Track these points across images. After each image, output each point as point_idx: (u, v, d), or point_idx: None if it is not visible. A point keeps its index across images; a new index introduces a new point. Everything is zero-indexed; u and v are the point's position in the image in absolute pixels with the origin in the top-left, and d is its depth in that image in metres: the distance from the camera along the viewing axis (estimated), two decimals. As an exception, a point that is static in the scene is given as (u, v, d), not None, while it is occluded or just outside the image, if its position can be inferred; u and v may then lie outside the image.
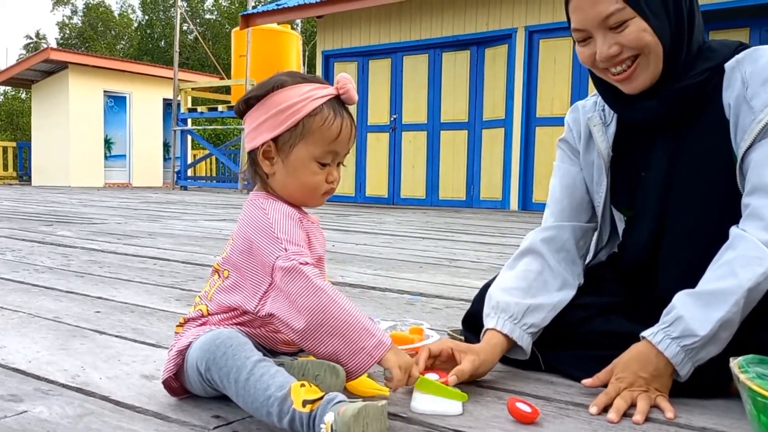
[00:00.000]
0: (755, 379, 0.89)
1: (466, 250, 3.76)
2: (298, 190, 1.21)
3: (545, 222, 1.53)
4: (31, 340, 1.58)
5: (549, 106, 8.30)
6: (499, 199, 8.75)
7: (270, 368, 1.03)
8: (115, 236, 4.16)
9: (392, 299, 2.23)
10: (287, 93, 1.18)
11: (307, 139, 1.18)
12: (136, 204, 8.18)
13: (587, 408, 1.17)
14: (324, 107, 1.18)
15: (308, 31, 28.12)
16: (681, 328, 1.16)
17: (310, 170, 1.19)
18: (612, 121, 1.44)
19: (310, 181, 1.20)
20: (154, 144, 17.34)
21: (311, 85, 1.20)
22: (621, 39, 1.26)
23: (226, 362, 1.05)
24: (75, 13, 42.29)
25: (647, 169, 1.38)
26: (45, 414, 1.10)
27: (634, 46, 1.26)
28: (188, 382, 1.15)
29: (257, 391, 1.01)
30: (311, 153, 1.19)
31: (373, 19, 9.77)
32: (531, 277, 1.42)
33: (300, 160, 1.19)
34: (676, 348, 1.16)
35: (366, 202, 9.82)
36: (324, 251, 1.27)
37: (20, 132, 33.76)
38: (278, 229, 1.15)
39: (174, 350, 1.16)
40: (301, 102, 1.18)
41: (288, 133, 1.18)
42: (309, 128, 1.17)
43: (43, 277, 2.50)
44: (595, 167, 1.47)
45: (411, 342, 1.51)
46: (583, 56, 1.34)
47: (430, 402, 1.15)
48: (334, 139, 1.19)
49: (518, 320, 1.35)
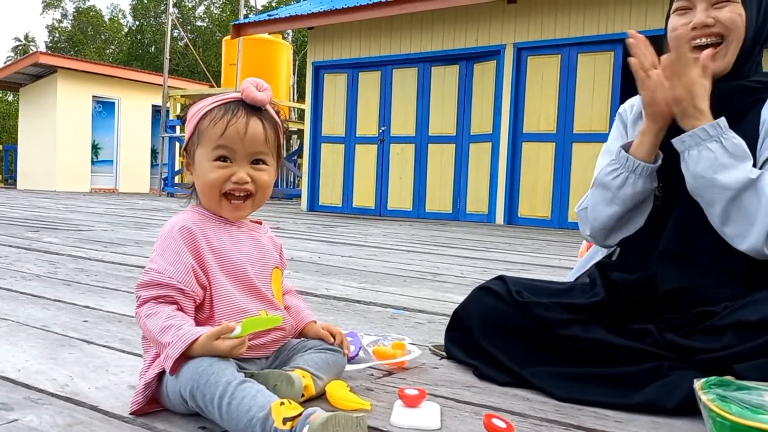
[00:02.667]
0: (715, 400, 0.94)
1: (451, 264, 3.81)
2: (203, 192, 1.28)
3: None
4: (19, 349, 1.61)
5: (536, 122, 8.40)
6: (485, 213, 8.82)
7: (251, 389, 1.06)
8: (102, 244, 4.18)
9: (376, 313, 2.27)
10: (194, 107, 1.27)
11: (201, 141, 1.25)
12: (122, 211, 8.17)
13: (561, 424, 1.22)
14: (215, 109, 1.24)
15: (299, 41, 28.21)
16: (732, 135, 1.37)
17: (206, 168, 1.24)
18: None
19: (207, 180, 1.24)
20: (141, 150, 17.32)
21: (220, 96, 1.27)
22: (718, 14, 1.43)
23: (209, 389, 1.07)
24: (65, 17, 42.17)
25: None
26: (35, 423, 1.13)
27: (726, 25, 1.43)
28: (170, 404, 1.17)
29: (240, 414, 1.03)
30: (205, 153, 1.24)
31: (363, 31, 9.85)
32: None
33: (200, 163, 1.26)
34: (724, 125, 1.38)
35: (353, 213, 9.87)
36: (257, 259, 1.30)
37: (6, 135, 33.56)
38: (155, 247, 1.23)
39: (141, 383, 1.18)
40: (200, 110, 1.25)
41: (191, 142, 1.26)
42: (201, 130, 1.25)
43: (30, 285, 2.52)
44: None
45: (393, 357, 1.55)
46: (674, 24, 1.50)
47: (409, 416, 1.19)
48: (220, 134, 1.22)
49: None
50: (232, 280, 1.25)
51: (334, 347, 1.36)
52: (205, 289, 1.22)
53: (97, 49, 38.90)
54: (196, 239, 1.23)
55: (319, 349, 1.33)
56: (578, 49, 8.10)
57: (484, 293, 1.59)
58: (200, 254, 1.22)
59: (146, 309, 1.17)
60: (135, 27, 40.11)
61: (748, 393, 0.98)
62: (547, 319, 1.44)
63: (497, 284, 1.59)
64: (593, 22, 8.00)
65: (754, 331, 1.23)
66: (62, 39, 40.66)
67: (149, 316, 1.16)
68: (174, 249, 1.20)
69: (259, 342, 1.27)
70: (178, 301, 1.18)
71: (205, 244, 1.23)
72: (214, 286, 1.23)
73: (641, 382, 1.30)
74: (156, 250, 1.23)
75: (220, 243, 1.25)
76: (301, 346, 1.34)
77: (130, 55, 37.69)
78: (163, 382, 1.17)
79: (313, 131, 10.34)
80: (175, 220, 1.25)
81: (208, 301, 1.23)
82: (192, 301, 1.20)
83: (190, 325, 1.15)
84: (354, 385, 1.39)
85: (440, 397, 1.35)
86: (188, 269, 1.19)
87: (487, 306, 1.54)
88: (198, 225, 1.25)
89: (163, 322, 1.14)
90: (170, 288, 1.17)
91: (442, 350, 1.68)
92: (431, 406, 1.25)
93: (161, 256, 1.20)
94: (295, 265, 3.46)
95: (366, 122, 9.93)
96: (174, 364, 1.11)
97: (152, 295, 1.17)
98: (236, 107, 1.24)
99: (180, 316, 1.17)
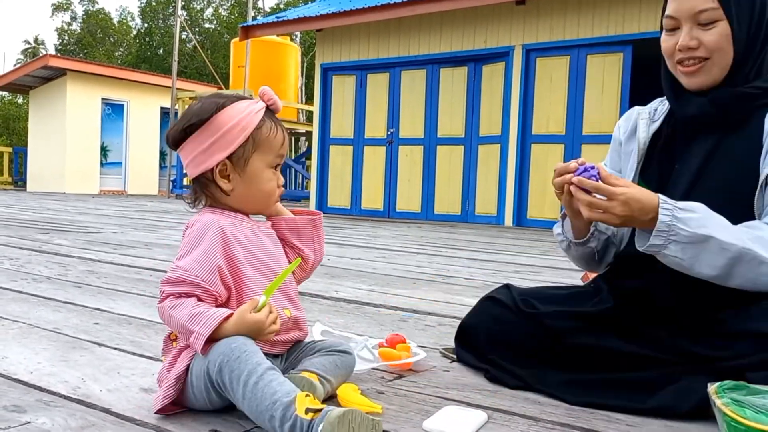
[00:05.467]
0: (730, 404, 0.94)
1: (460, 266, 3.81)
2: (257, 198, 1.33)
3: None
4: (31, 351, 1.62)
5: (545, 124, 8.38)
6: (494, 215, 8.80)
7: (279, 376, 1.10)
8: (112, 246, 4.20)
9: (386, 315, 2.27)
10: (229, 112, 1.27)
11: (259, 150, 1.29)
12: (131, 213, 8.20)
13: (573, 428, 1.21)
14: (266, 119, 1.30)
15: (307, 42, 28.25)
16: (687, 216, 1.25)
17: (266, 177, 1.32)
18: (658, 120, 1.55)
19: (268, 187, 1.32)
20: (150, 152, 17.38)
21: (245, 102, 1.30)
22: (703, 37, 1.38)
23: (238, 365, 1.10)
24: (74, 20, 42.38)
25: (681, 162, 1.47)
26: (48, 425, 1.14)
27: (711, 48, 1.39)
28: (191, 394, 1.19)
29: (264, 395, 1.06)
30: (265, 161, 1.31)
31: (372, 33, 9.85)
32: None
33: (257, 171, 1.30)
34: (669, 220, 1.25)
35: (362, 215, 9.87)
36: (281, 255, 1.36)
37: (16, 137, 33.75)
38: (183, 245, 1.26)
39: (171, 377, 1.20)
40: (245, 117, 1.28)
41: (241, 149, 1.28)
42: (259, 139, 1.29)
43: (41, 287, 2.54)
44: (632, 156, 1.57)
45: (398, 358, 1.55)
46: (666, 44, 1.46)
47: (441, 423, 1.18)
48: (280, 144, 1.32)
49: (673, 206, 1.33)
50: (260, 275, 1.29)
51: (342, 349, 1.37)
52: (230, 290, 1.25)
53: (106, 52, 39.09)
54: (228, 239, 1.26)
55: (327, 351, 1.35)
56: (587, 51, 8.07)
57: (490, 303, 1.59)
58: (232, 253, 1.25)
59: (169, 302, 1.20)
60: (143, 29, 40.26)
61: (763, 397, 0.98)
62: (555, 329, 1.43)
63: (503, 293, 1.59)
64: (602, 23, 7.98)
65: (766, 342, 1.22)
66: (71, 41, 40.88)
67: (174, 308, 1.19)
68: (203, 248, 1.22)
69: (280, 338, 1.31)
70: (201, 298, 1.21)
71: (236, 244, 1.27)
72: (245, 283, 1.27)
73: (654, 387, 1.29)
74: (184, 247, 1.25)
75: (247, 241, 1.30)
76: (309, 348, 1.36)
77: (138, 57, 37.85)
78: (188, 373, 1.19)
79: (322, 133, 10.35)
80: (204, 219, 1.27)
81: (236, 297, 1.27)
82: (213, 300, 1.23)
83: (216, 308, 1.19)
84: (365, 388, 1.39)
85: (452, 401, 1.35)
86: (214, 269, 1.22)
87: (494, 317, 1.54)
88: (227, 225, 1.27)
89: (190, 310, 1.17)
90: (195, 286, 1.20)
91: (452, 353, 1.68)
92: (478, 414, 1.23)
93: (189, 254, 1.23)
94: (305, 267, 3.46)
95: (374, 124, 9.93)
96: (205, 345, 1.14)
97: (176, 291, 1.20)
98: (274, 117, 1.33)
99: (205, 305, 1.20)
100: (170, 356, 1.24)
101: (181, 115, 1.33)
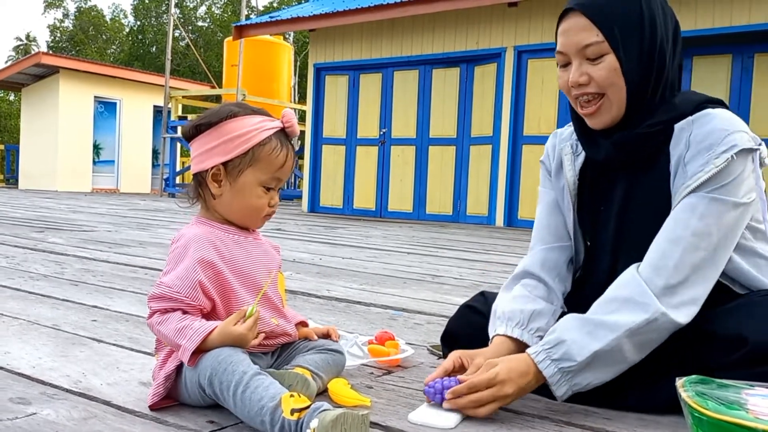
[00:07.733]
0: (695, 397, 1.00)
1: (450, 266, 3.87)
2: (242, 211, 1.35)
3: (534, 245, 1.58)
4: (32, 347, 1.67)
5: (536, 125, 8.46)
6: (485, 215, 8.88)
7: (264, 381, 1.14)
8: (106, 244, 4.24)
9: (376, 314, 2.33)
10: (239, 122, 1.32)
11: (255, 165, 1.32)
12: (124, 211, 8.23)
13: (552, 421, 1.27)
14: (273, 138, 1.33)
15: (300, 42, 28.27)
16: (562, 351, 1.24)
17: (255, 194, 1.33)
18: (582, 152, 1.51)
19: (254, 204, 1.34)
20: (143, 150, 17.38)
21: (260, 117, 1.34)
22: (592, 72, 1.35)
23: (226, 377, 1.16)
24: (66, 17, 42.25)
25: (606, 203, 1.47)
26: (53, 416, 1.19)
27: (601, 83, 1.34)
28: (186, 395, 1.25)
29: (252, 402, 1.12)
30: (258, 178, 1.33)
31: (365, 34, 9.91)
32: (530, 290, 1.48)
33: (247, 184, 1.33)
34: (554, 369, 1.24)
35: (354, 215, 9.93)
36: (265, 265, 1.38)
37: (8, 134, 33.62)
38: (168, 261, 1.30)
39: (161, 376, 1.26)
40: (253, 131, 1.31)
41: (238, 159, 1.31)
42: (258, 156, 1.32)
43: (38, 285, 2.58)
44: (564, 192, 1.54)
45: (387, 354, 1.62)
46: (561, 80, 1.43)
47: (426, 415, 1.25)
48: (279, 167, 1.34)
49: (525, 326, 1.40)
50: (246, 287, 1.34)
51: (334, 348, 1.43)
52: (213, 302, 1.30)
53: (99, 49, 38.98)
54: (210, 255, 1.29)
55: (320, 349, 1.41)
56: (578, 53, 8.14)
57: (468, 311, 1.64)
58: (216, 267, 1.29)
59: (156, 318, 1.26)
60: (136, 27, 40.19)
61: (726, 390, 1.04)
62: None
63: (479, 301, 1.64)
64: (593, 25, 8.05)
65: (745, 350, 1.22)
66: (64, 39, 40.75)
67: (161, 323, 1.25)
68: (185, 264, 1.27)
69: (268, 342, 1.36)
70: (186, 311, 1.27)
71: (219, 257, 1.31)
72: (232, 294, 1.31)
73: (628, 387, 1.34)
74: (168, 263, 1.30)
75: (231, 255, 1.33)
76: (303, 346, 1.42)
77: (131, 55, 37.77)
78: (181, 375, 1.25)
79: (314, 133, 10.41)
80: (188, 234, 1.32)
81: (224, 307, 1.31)
82: (198, 311, 1.28)
83: (200, 321, 1.24)
84: (354, 383, 1.45)
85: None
86: (195, 284, 1.26)
87: (471, 323, 1.59)
88: (211, 240, 1.31)
89: (176, 325, 1.23)
90: (178, 302, 1.26)
91: (439, 350, 1.74)
92: (454, 414, 1.27)
93: (173, 270, 1.28)
94: (296, 267, 3.52)
95: (367, 124, 9.99)
96: (192, 357, 1.20)
97: (162, 307, 1.26)
98: (285, 140, 1.35)
99: (190, 317, 1.25)
100: (162, 354, 1.31)
101: (203, 113, 1.38)
